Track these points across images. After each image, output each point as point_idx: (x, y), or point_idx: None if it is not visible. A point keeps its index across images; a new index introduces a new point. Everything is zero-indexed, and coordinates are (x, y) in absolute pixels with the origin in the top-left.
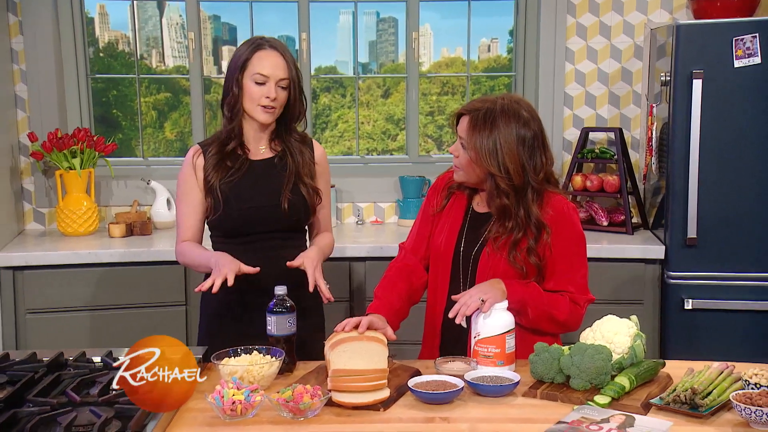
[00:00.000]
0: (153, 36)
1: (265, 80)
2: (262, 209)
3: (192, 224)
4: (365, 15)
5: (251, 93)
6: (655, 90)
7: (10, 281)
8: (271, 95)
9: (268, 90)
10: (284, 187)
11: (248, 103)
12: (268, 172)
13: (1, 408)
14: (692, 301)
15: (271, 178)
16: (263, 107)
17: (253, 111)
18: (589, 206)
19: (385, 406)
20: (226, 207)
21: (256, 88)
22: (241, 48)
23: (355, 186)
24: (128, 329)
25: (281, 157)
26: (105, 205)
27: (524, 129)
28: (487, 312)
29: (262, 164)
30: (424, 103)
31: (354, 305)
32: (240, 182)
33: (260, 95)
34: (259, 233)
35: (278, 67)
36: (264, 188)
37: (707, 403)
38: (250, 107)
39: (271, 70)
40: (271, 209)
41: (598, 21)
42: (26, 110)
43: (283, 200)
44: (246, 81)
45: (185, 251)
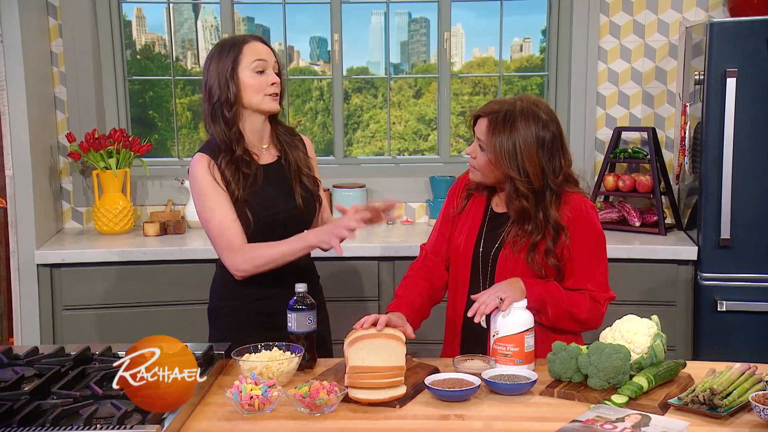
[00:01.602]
0: (188, 38)
1: (264, 66)
2: (283, 213)
3: (237, 228)
4: (397, 15)
5: (253, 85)
6: (690, 89)
7: (47, 278)
8: (276, 80)
9: (271, 77)
10: (294, 186)
11: (253, 96)
12: (279, 174)
13: (26, 400)
14: (726, 303)
15: (283, 180)
16: (269, 95)
17: (260, 103)
18: (622, 206)
19: (401, 403)
20: (255, 218)
21: (257, 79)
22: (221, 52)
23: (386, 186)
24: (161, 326)
25: (284, 157)
26: (140, 204)
27: (544, 131)
28: (506, 311)
29: (272, 168)
30: (455, 103)
31: (382, 304)
32: (260, 191)
33: (265, 83)
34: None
35: (269, 53)
36: (280, 192)
37: (726, 403)
38: (256, 100)
39: (267, 56)
40: (291, 211)
41: (632, 20)
42: (65, 111)
43: (297, 198)
44: (244, 75)
45: (253, 255)
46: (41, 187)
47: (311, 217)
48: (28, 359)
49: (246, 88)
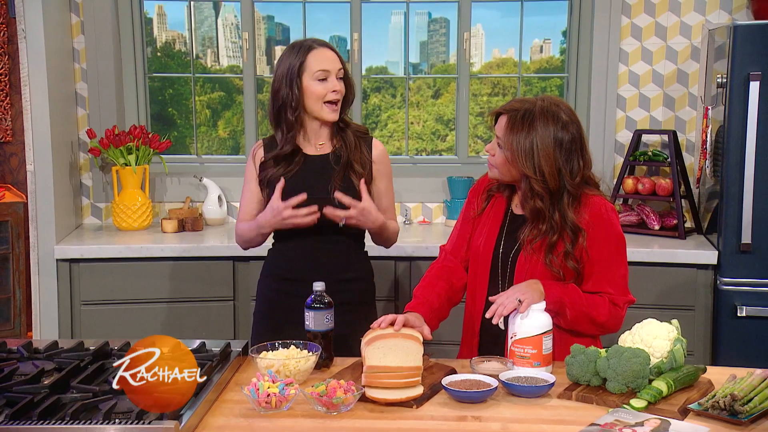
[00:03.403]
0: (208, 36)
1: (327, 75)
2: (313, 201)
3: (249, 210)
4: (417, 15)
5: (316, 92)
6: (712, 92)
7: (66, 273)
8: (336, 87)
9: (332, 84)
10: (334, 178)
11: (313, 103)
12: (323, 166)
13: (46, 394)
14: (746, 308)
15: (325, 172)
16: (329, 103)
17: (320, 111)
18: (641, 210)
19: (418, 404)
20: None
21: (320, 86)
22: (290, 56)
23: (403, 186)
24: (178, 322)
25: (337, 153)
26: (159, 201)
27: (562, 132)
28: (525, 312)
29: (318, 159)
30: (474, 104)
31: (399, 304)
32: (293, 178)
33: (325, 91)
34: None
35: (334, 60)
36: (318, 182)
37: (747, 410)
38: (316, 107)
39: (331, 64)
40: (323, 201)
41: (654, 21)
42: (86, 108)
43: (332, 190)
44: (307, 82)
45: (240, 229)
46: (61, 183)
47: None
48: (48, 353)
49: (307, 96)
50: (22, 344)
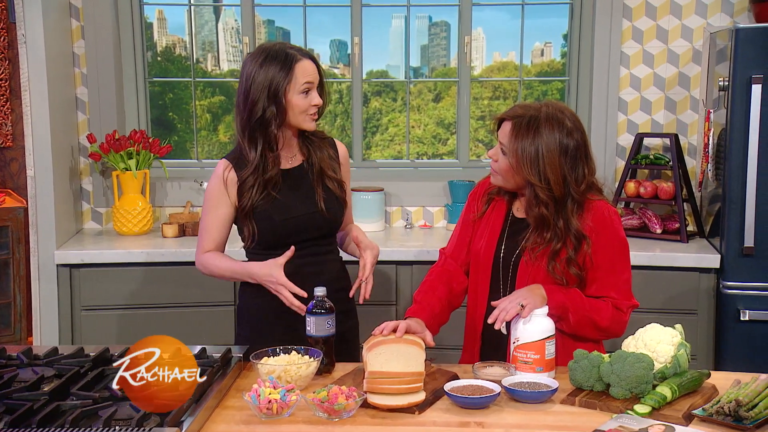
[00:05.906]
0: (209, 40)
1: (310, 87)
2: (303, 217)
3: (216, 236)
4: (417, 19)
5: (299, 105)
6: (714, 95)
7: (67, 278)
8: (317, 101)
9: (314, 97)
10: (316, 189)
11: (297, 116)
12: (300, 178)
13: (46, 400)
14: (749, 312)
15: (304, 183)
16: (310, 115)
17: (301, 122)
18: (643, 213)
19: (420, 410)
20: (268, 222)
21: (304, 100)
22: (270, 67)
23: (404, 190)
24: (178, 328)
25: (309, 162)
26: (159, 205)
27: (568, 138)
28: (527, 317)
29: (294, 172)
30: (475, 108)
31: (399, 308)
32: (277, 196)
33: (308, 105)
34: (300, 241)
35: (315, 71)
36: (300, 196)
37: (752, 415)
38: (300, 119)
39: (314, 76)
40: (311, 215)
41: (655, 25)
42: (86, 112)
43: (319, 201)
44: (292, 96)
45: (209, 262)
46: (61, 188)
47: (337, 220)
48: (47, 359)
49: (292, 109)
50: (21, 351)
